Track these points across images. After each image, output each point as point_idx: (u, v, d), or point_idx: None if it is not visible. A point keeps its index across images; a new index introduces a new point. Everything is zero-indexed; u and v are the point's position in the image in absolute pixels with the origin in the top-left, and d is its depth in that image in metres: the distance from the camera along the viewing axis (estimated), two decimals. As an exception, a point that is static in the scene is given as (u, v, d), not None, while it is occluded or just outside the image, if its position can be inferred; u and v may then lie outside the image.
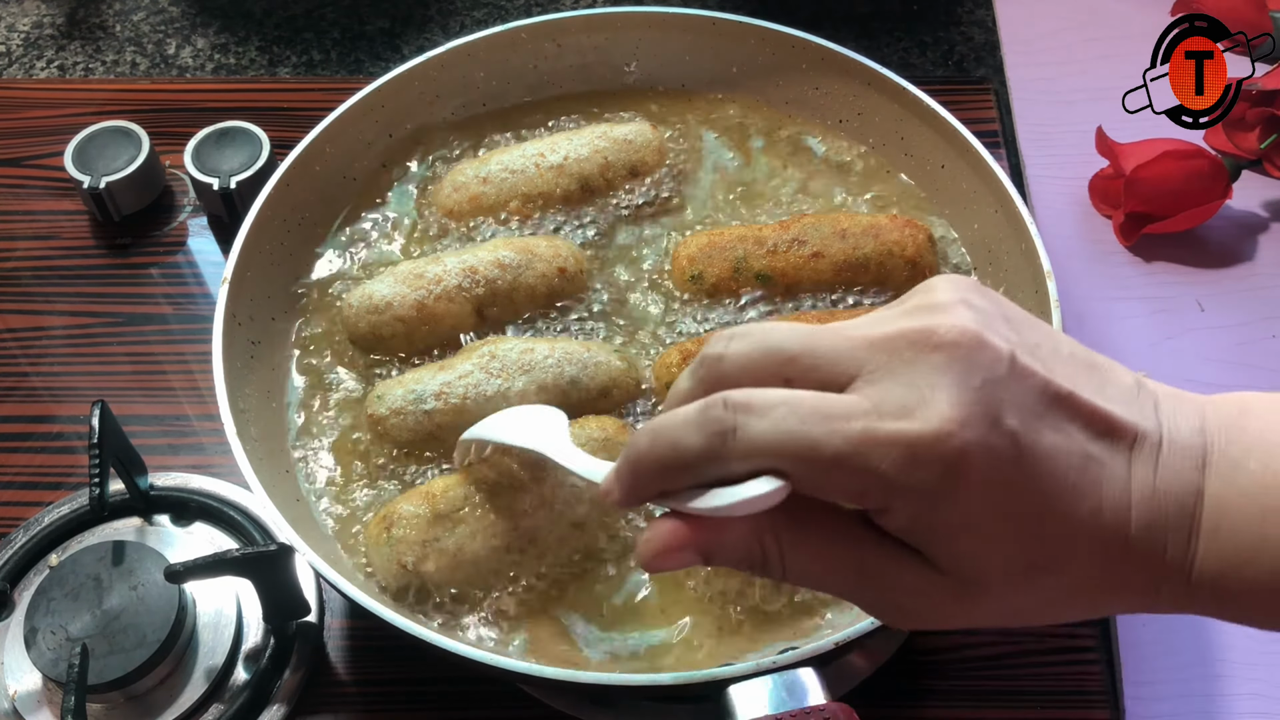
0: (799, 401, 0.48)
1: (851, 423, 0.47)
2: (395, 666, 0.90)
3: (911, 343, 0.49)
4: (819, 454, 0.47)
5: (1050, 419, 0.49)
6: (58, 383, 1.08)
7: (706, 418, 0.50)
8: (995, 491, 0.47)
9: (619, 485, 0.54)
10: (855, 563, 0.51)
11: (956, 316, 0.49)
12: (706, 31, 1.09)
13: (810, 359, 0.50)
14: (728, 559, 0.52)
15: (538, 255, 0.95)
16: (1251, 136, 1.16)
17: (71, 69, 1.35)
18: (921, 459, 0.46)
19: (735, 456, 0.49)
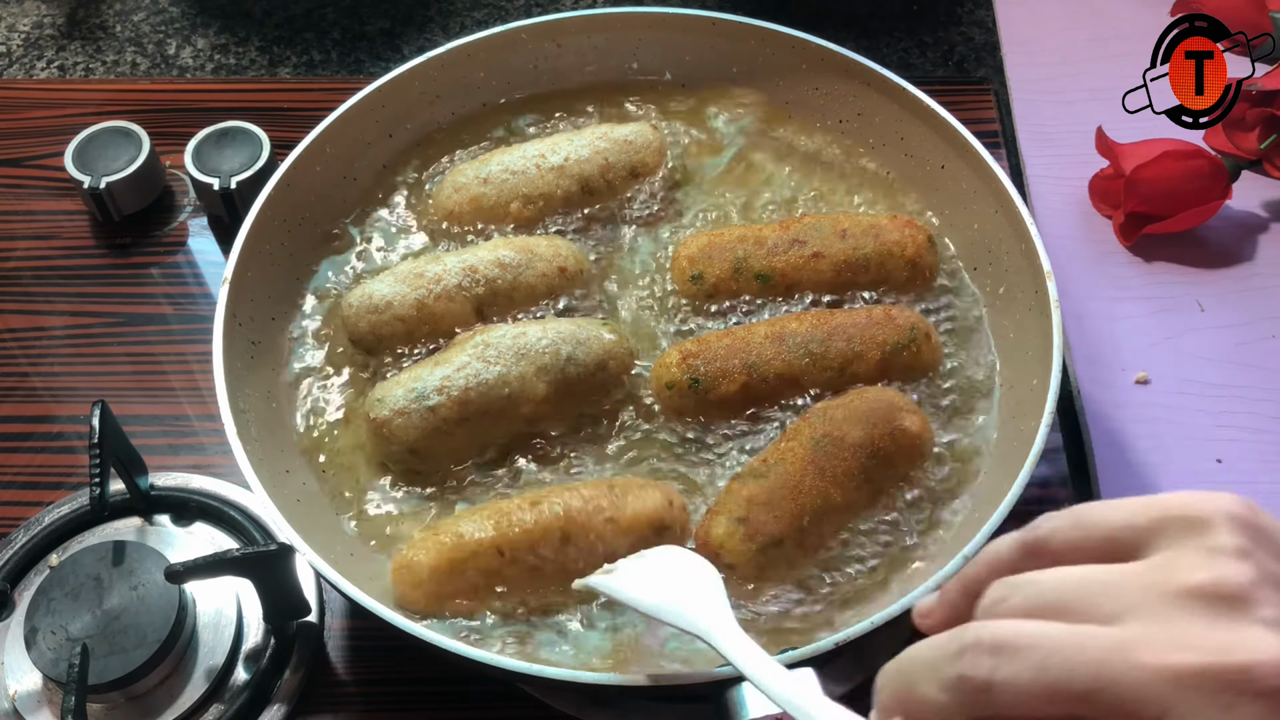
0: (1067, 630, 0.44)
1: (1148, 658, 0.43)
2: (395, 666, 0.90)
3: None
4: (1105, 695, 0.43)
5: None
6: (58, 383, 1.08)
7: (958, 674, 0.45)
8: None
9: None
10: None
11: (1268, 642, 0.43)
12: (706, 31, 1.09)
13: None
14: None
15: (538, 254, 0.95)
16: (1251, 136, 1.16)
17: (72, 69, 1.35)
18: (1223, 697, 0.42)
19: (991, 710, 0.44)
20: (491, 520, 0.80)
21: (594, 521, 0.79)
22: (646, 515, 0.80)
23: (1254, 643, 0.43)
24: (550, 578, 0.80)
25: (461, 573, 0.79)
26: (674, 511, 0.81)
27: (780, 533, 0.79)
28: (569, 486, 0.82)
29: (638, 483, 0.82)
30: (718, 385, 0.88)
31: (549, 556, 0.79)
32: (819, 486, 0.81)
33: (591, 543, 0.79)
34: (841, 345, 0.89)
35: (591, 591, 0.75)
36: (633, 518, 0.80)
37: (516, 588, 0.80)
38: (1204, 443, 1.01)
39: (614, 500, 0.80)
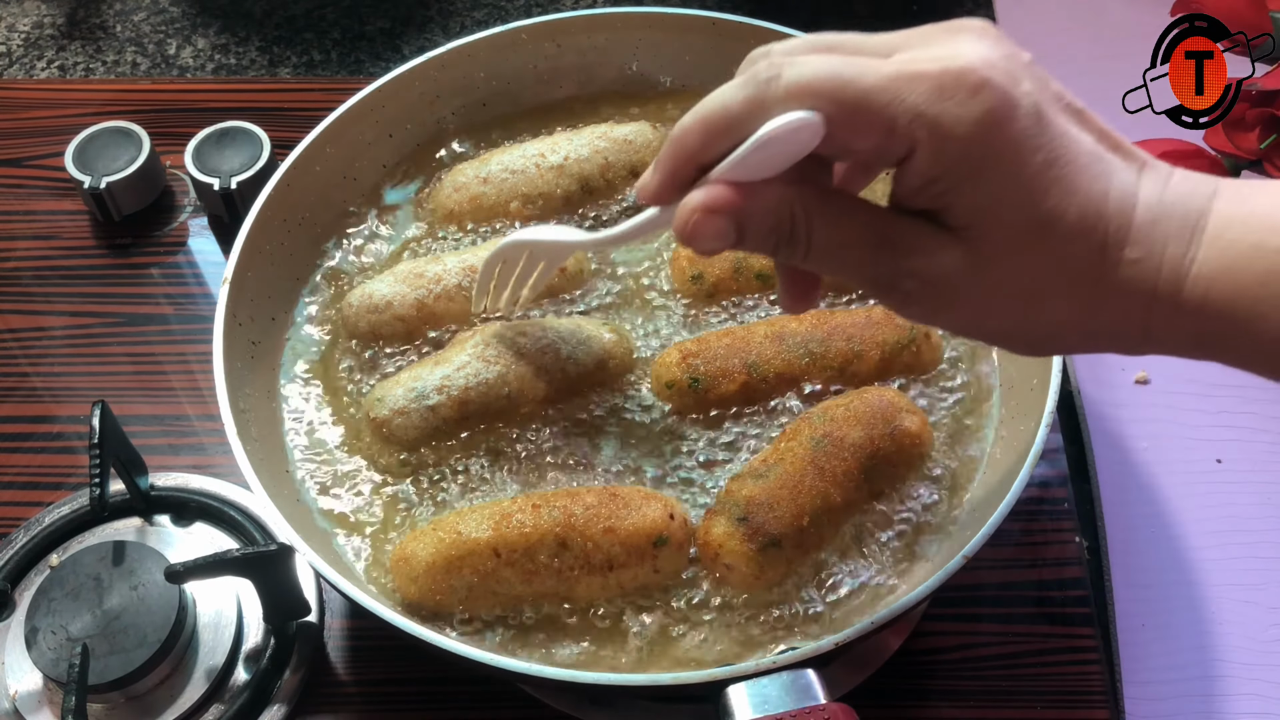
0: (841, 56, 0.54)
1: (887, 66, 0.53)
2: (395, 666, 0.90)
3: (943, 29, 0.55)
4: (855, 87, 0.52)
5: (1065, 113, 0.54)
6: (58, 383, 1.08)
7: (753, 71, 0.55)
8: (1014, 138, 0.51)
9: (657, 170, 0.58)
10: (876, 233, 0.56)
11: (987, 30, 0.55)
12: (706, 31, 1.09)
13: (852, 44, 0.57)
14: (760, 227, 0.56)
15: None
16: (1251, 136, 1.16)
17: (72, 69, 1.35)
18: (947, 88, 0.51)
19: (778, 100, 0.53)
20: (491, 521, 0.80)
21: (592, 530, 0.79)
22: (646, 528, 0.80)
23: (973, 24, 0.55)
24: (546, 582, 0.80)
25: (458, 571, 0.79)
26: (674, 525, 0.81)
27: (780, 533, 0.79)
28: (571, 492, 0.82)
29: (641, 493, 0.82)
30: (717, 385, 0.88)
31: (545, 562, 0.79)
32: (819, 487, 0.81)
33: (589, 551, 0.79)
34: (841, 345, 0.89)
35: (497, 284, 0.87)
36: (632, 529, 0.79)
37: (512, 589, 0.80)
38: (1204, 443, 1.01)
39: (615, 510, 0.80)
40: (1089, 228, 0.53)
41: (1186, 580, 0.94)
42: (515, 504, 0.81)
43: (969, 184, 0.53)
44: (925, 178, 0.53)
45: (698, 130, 0.56)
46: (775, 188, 0.55)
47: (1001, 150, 0.52)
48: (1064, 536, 0.96)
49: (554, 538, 0.79)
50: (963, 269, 0.54)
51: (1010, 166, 0.52)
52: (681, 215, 0.56)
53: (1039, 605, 0.93)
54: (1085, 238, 0.53)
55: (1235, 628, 0.91)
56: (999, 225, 0.53)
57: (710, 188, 0.56)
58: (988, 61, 0.52)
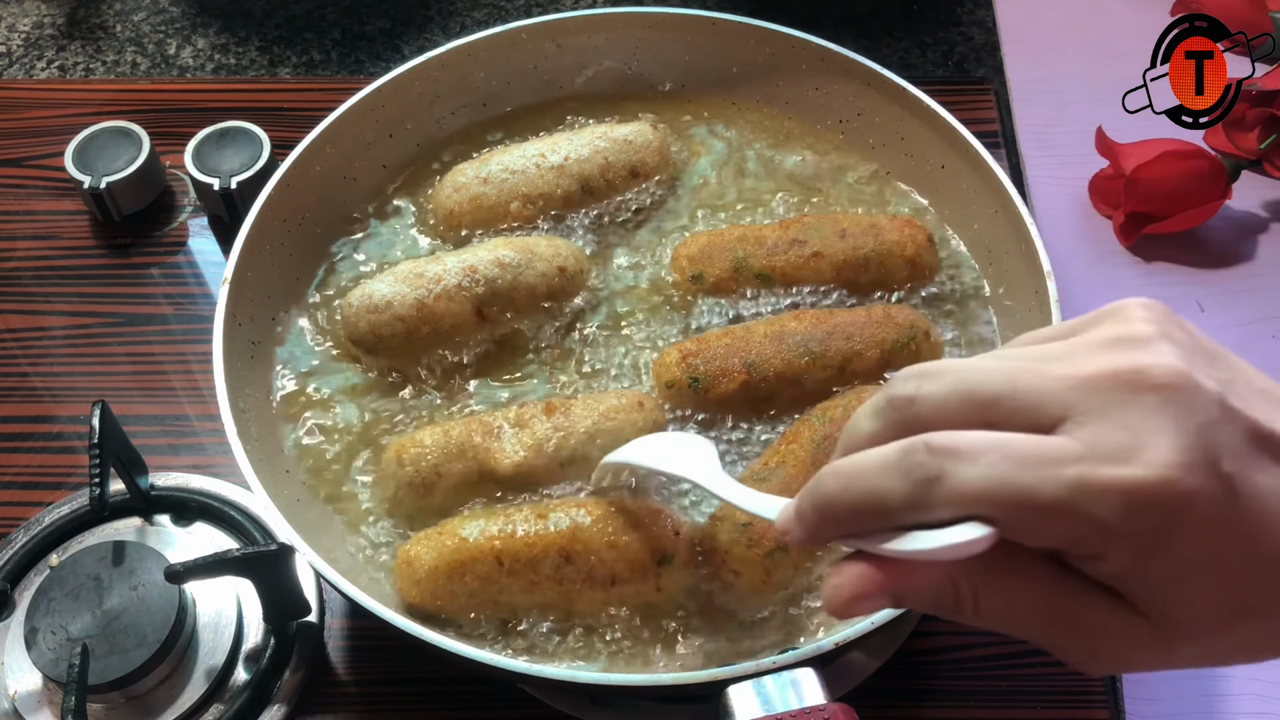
0: (1009, 445, 0.47)
1: (1066, 468, 0.45)
2: (395, 666, 0.90)
3: (1124, 383, 0.47)
4: (1033, 501, 0.46)
5: (1259, 460, 0.47)
6: (58, 383, 1.08)
7: (910, 464, 0.48)
8: (1212, 537, 0.46)
9: (802, 526, 0.53)
10: (1052, 607, 0.50)
11: (1163, 354, 0.47)
12: (706, 31, 1.09)
13: (1013, 402, 0.48)
14: (919, 602, 0.51)
15: (538, 254, 0.95)
16: (1251, 136, 1.16)
17: (72, 69, 1.35)
18: (1142, 506, 0.45)
19: (941, 505, 0.47)
20: (496, 528, 0.80)
21: (596, 544, 0.79)
22: (651, 545, 0.79)
23: (1149, 356, 0.47)
24: (547, 593, 0.79)
25: (460, 576, 0.79)
26: (679, 543, 0.80)
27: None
28: (578, 503, 0.82)
29: (648, 508, 0.82)
30: (717, 384, 0.88)
31: (547, 573, 0.79)
32: (820, 488, 0.81)
33: (592, 565, 0.79)
34: (841, 344, 0.89)
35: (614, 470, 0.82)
36: (637, 546, 0.79)
37: (513, 598, 0.80)
38: (1204, 443, 1.01)
39: (620, 524, 0.80)
40: None
41: (1186, 580, 0.94)
42: (522, 512, 0.81)
43: (1161, 585, 0.47)
44: (1110, 578, 0.48)
45: (847, 512, 0.50)
46: (935, 567, 0.50)
47: (1197, 555, 0.46)
48: (1064, 536, 0.96)
49: (558, 550, 0.79)
50: (1149, 650, 0.49)
51: (1205, 567, 0.47)
52: (835, 598, 0.51)
53: (1039, 605, 0.93)
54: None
55: (1235, 628, 0.91)
56: (1193, 619, 0.48)
57: (863, 575, 0.51)
58: (1183, 457, 0.45)
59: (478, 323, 0.94)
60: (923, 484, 0.47)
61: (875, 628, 0.72)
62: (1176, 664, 0.50)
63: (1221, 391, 0.47)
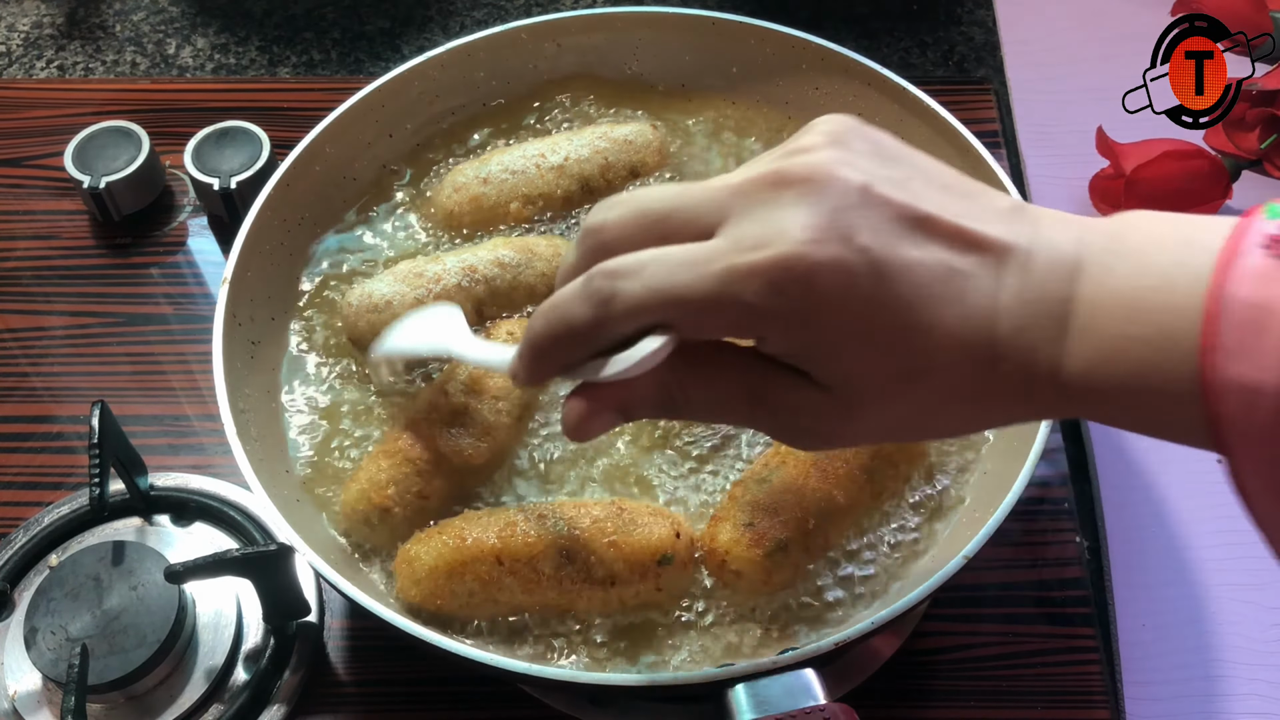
0: (666, 256, 0.53)
1: (713, 264, 0.51)
2: (395, 666, 0.90)
3: (766, 184, 0.52)
4: (690, 299, 0.52)
5: (909, 238, 0.51)
6: (58, 383, 1.08)
7: (589, 290, 0.54)
8: (856, 305, 0.51)
9: (523, 366, 0.59)
10: (747, 389, 0.56)
11: (815, 155, 0.52)
12: (706, 31, 1.09)
13: (680, 215, 0.54)
14: (643, 410, 0.58)
15: (538, 254, 0.95)
16: (1251, 136, 1.16)
17: (71, 69, 1.35)
18: (779, 283, 0.50)
19: (620, 320, 0.54)
20: (496, 528, 0.80)
21: (597, 544, 0.79)
22: (651, 545, 0.79)
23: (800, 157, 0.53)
24: (547, 593, 0.80)
25: (460, 576, 0.79)
26: (679, 544, 0.80)
27: (786, 537, 0.79)
28: (579, 503, 0.82)
29: (649, 509, 0.82)
30: (718, 385, 0.88)
31: (548, 572, 0.79)
32: (822, 489, 0.81)
33: (592, 564, 0.79)
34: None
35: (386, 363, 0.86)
36: (637, 546, 0.79)
37: (514, 598, 0.80)
38: (1204, 443, 1.01)
39: (621, 525, 0.80)
40: (952, 363, 0.52)
41: (1186, 580, 0.94)
42: (522, 512, 0.81)
43: (824, 358, 0.53)
44: (780, 354, 0.54)
45: (552, 344, 0.57)
46: (648, 374, 0.55)
47: (846, 323, 0.51)
48: (1064, 536, 0.96)
49: (557, 549, 0.79)
50: (836, 420, 0.55)
51: (860, 336, 0.51)
52: (569, 422, 0.58)
53: (1039, 605, 0.93)
54: (951, 371, 0.52)
55: (1235, 628, 0.91)
56: (862, 386, 0.53)
57: (588, 396, 0.57)
58: (813, 234, 0.50)
59: (477, 322, 0.94)
60: (602, 305, 0.54)
61: (875, 628, 0.72)
62: (866, 433, 0.57)
63: (866, 182, 0.52)
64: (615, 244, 0.55)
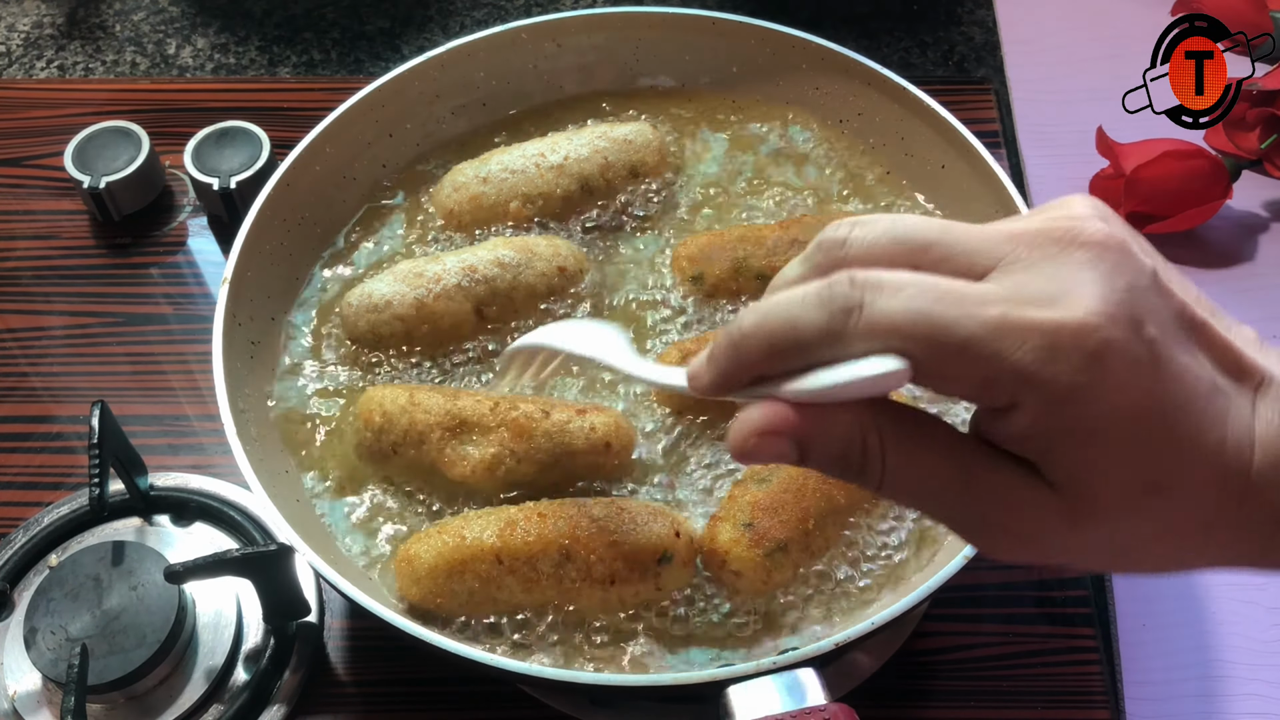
0: (934, 283, 0.46)
1: (988, 307, 0.45)
2: (395, 666, 0.90)
3: (1055, 239, 0.46)
4: (951, 336, 0.45)
5: (1185, 342, 0.47)
6: (58, 383, 1.08)
7: (831, 293, 0.47)
8: (1128, 397, 0.45)
9: (712, 367, 0.51)
10: (962, 472, 0.48)
11: (1102, 225, 0.47)
12: (706, 31, 1.09)
13: (944, 248, 0.47)
14: (826, 453, 0.49)
15: (537, 254, 0.95)
16: (1251, 136, 1.16)
17: (71, 69, 1.35)
18: (1061, 349, 0.44)
19: (859, 336, 0.46)
20: (496, 527, 0.80)
21: (596, 543, 0.79)
22: (651, 545, 0.79)
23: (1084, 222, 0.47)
24: (547, 591, 0.79)
25: (460, 575, 0.79)
26: (679, 543, 0.80)
27: (786, 537, 0.79)
28: (579, 503, 0.82)
29: (648, 509, 0.82)
30: (718, 385, 0.88)
31: (547, 572, 0.79)
32: (822, 489, 0.81)
33: (591, 564, 0.79)
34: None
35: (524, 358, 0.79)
36: (637, 545, 0.79)
37: (513, 596, 0.80)
38: (1204, 443, 1.01)
39: (621, 524, 0.80)
40: (1204, 486, 0.47)
41: (1186, 580, 0.94)
42: (521, 511, 0.81)
43: (1074, 447, 0.46)
44: (1024, 433, 0.47)
45: (761, 346, 0.48)
46: (846, 414, 0.48)
47: (1113, 414, 0.45)
48: (1064, 536, 0.96)
49: (557, 548, 0.79)
50: (1058, 527, 0.48)
51: (1121, 430, 0.46)
52: (738, 433, 0.49)
53: (1039, 605, 0.93)
54: (1200, 496, 0.48)
55: (1235, 628, 0.91)
56: (1103, 490, 0.47)
57: (772, 409, 0.48)
58: (1108, 308, 0.44)
59: (477, 322, 0.94)
60: (841, 313, 0.46)
61: (875, 628, 0.72)
62: (1086, 549, 0.50)
63: (1156, 267, 0.47)
64: (863, 264, 0.48)
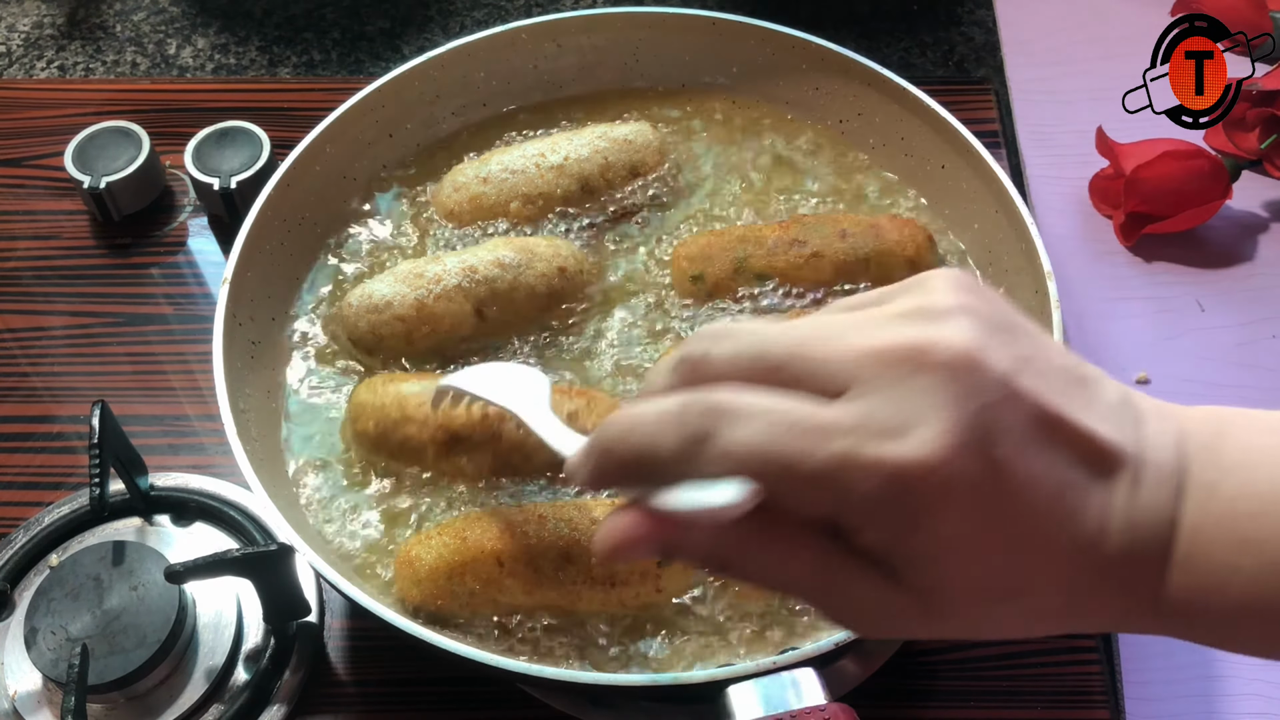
0: (784, 412, 0.47)
1: (834, 441, 0.45)
2: (395, 666, 0.90)
3: (906, 358, 0.46)
4: (797, 471, 0.46)
5: (1037, 445, 0.47)
6: (58, 383, 1.08)
7: (685, 418, 0.48)
8: (974, 520, 0.46)
9: (585, 469, 0.53)
10: (820, 572, 0.50)
11: (954, 329, 0.47)
12: (706, 31, 1.09)
13: (799, 367, 0.48)
14: (688, 558, 0.52)
15: (538, 255, 0.95)
16: (1251, 136, 1.16)
17: (72, 69, 1.35)
18: (905, 487, 0.45)
19: (709, 463, 0.47)
20: (496, 528, 0.80)
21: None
22: None
23: (940, 331, 0.47)
24: (548, 594, 0.80)
25: (460, 577, 0.79)
26: None
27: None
28: (579, 503, 0.82)
29: None
30: (718, 385, 0.88)
31: (548, 574, 0.79)
32: (820, 487, 0.81)
33: (592, 565, 0.79)
34: (841, 345, 0.88)
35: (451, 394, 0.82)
36: None
37: (514, 599, 0.80)
38: (1204, 443, 1.01)
39: None
40: (1053, 585, 0.49)
41: (1186, 580, 0.94)
42: (523, 513, 0.81)
43: (920, 562, 0.48)
44: (874, 549, 0.48)
45: (627, 459, 0.50)
46: (708, 531, 0.50)
47: (958, 538, 0.46)
48: (1064, 536, 0.96)
49: (558, 550, 0.79)
50: (914, 620, 0.50)
51: (968, 550, 0.47)
52: (603, 539, 0.51)
53: (1039, 605, 0.93)
54: (1050, 592, 0.49)
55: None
56: (957, 596, 0.49)
57: (635, 519, 0.50)
58: (955, 439, 0.45)
59: (478, 323, 0.94)
60: (693, 441, 0.47)
61: (875, 628, 0.72)
62: (939, 634, 0.51)
63: (1009, 371, 0.46)
64: (722, 377, 0.49)
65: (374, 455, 0.88)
